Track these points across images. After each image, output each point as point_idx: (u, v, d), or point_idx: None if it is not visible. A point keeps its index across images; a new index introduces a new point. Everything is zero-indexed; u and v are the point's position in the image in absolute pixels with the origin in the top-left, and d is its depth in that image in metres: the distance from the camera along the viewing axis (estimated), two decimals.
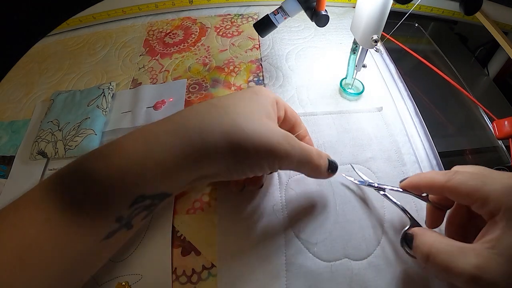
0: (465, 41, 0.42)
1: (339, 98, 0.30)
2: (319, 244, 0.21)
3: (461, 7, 0.20)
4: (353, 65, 0.27)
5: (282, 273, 0.21)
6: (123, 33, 0.40)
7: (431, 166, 0.25)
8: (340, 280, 0.20)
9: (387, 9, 0.21)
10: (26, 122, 0.35)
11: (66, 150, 0.29)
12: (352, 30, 0.25)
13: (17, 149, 0.33)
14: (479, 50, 0.41)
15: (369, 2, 0.21)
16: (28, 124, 0.35)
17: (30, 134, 0.33)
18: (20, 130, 0.35)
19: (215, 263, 0.21)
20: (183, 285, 0.21)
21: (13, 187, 0.30)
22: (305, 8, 0.26)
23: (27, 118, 0.35)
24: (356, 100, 0.29)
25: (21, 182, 0.30)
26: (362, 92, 0.29)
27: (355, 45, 0.26)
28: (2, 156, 0.34)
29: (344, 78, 0.30)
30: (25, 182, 0.30)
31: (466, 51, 0.40)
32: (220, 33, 0.36)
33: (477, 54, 0.41)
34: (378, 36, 0.23)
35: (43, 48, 0.43)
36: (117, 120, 0.31)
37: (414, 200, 0.23)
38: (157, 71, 0.34)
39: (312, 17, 0.26)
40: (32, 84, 0.39)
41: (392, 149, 0.26)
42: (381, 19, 0.22)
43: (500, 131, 0.28)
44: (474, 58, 0.39)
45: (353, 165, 0.25)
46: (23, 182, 0.30)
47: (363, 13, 0.22)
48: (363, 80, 0.30)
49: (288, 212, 0.23)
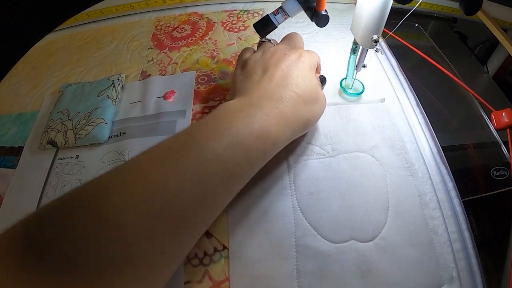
0: (464, 40, 0.43)
1: (338, 99, 0.30)
2: (327, 227, 0.22)
3: (461, 7, 0.20)
4: (353, 65, 0.27)
5: (292, 254, 0.21)
6: (131, 27, 0.40)
7: (432, 154, 0.26)
8: (347, 261, 0.21)
9: (387, 9, 0.21)
10: (35, 114, 0.36)
11: (77, 139, 0.29)
12: (352, 30, 0.25)
13: (26, 140, 0.33)
14: (479, 48, 0.42)
15: (369, 2, 0.21)
16: (37, 116, 0.35)
17: (39, 125, 0.34)
18: (28, 122, 0.35)
19: (227, 245, 0.22)
20: (195, 267, 0.22)
21: (21, 177, 0.31)
22: (305, 8, 0.26)
23: (36, 110, 0.36)
24: (356, 100, 0.29)
25: (30, 171, 0.31)
26: (362, 93, 0.29)
27: (355, 45, 0.26)
28: (10, 147, 0.34)
29: (344, 79, 0.30)
30: (34, 171, 0.30)
31: (465, 49, 0.41)
32: (227, 27, 0.37)
33: (477, 52, 0.41)
34: (378, 36, 0.23)
35: (49, 43, 0.44)
36: (127, 110, 0.31)
37: None
38: (166, 63, 0.34)
39: (312, 17, 0.26)
40: (39, 77, 0.39)
41: (395, 138, 0.27)
42: (381, 19, 0.22)
43: (498, 122, 0.30)
44: (474, 56, 0.40)
45: (359, 153, 0.26)
46: (32, 171, 0.30)
47: (363, 13, 0.22)
48: (365, 74, 0.30)
49: (297, 197, 0.24)
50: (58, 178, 0.29)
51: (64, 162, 0.30)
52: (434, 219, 0.23)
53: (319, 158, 0.25)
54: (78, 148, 0.30)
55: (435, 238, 0.22)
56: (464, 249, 0.22)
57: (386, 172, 0.25)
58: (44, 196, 0.29)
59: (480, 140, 0.31)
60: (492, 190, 0.26)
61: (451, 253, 0.22)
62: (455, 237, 0.23)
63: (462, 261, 0.22)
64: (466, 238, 0.23)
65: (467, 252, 0.22)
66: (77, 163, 0.29)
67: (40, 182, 0.29)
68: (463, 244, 0.23)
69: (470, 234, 0.23)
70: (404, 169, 0.25)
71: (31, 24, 0.49)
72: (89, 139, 0.29)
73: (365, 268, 0.21)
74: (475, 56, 0.40)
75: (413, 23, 0.41)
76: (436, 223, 0.23)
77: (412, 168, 0.25)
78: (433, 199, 0.24)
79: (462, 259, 0.22)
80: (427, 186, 0.25)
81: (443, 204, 0.24)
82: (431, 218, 0.23)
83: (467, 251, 0.22)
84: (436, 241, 0.22)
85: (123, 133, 0.30)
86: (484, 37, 0.41)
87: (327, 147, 0.26)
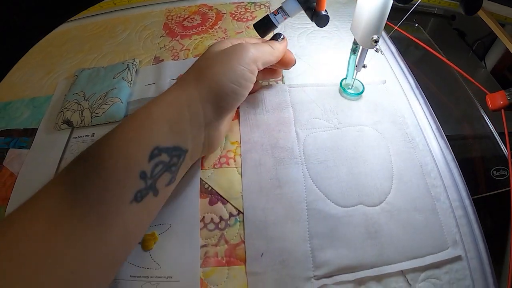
0: (463, 36, 0.44)
1: (333, 119, 0.29)
2: (336, 192, 0.24)
3: (461, 7, 0.20)
4: (353, 65, 0.27)
5: (304, 217, 0.23)
6: (142, 18, 0.42)
7: (432, 129, 0.28)
8: (356, 223, 0.22)
9: (387, 9, 0.21)
10: (48, 98, 0.37)
11: (93, 117, 0.30)
12: (352, 30, 0.25)
13: (40, 122, 0.34)
14: (477, 44, 0.43)
15: (369, 2, 0.21)
16: (50, 99, 0.36)
17: (54, 107, 0.34)
18: (42, 105, 0.36)
19: (242, 210, 0.23)
20: (211, 231, 0.23)
21: (36, 156, 0.31)
22: (305, 8, 0.26)
23: (49, 95, 0.37)
24: (356, 100, 0.30)
25: (44, 151, 0.31)
26: (362, 92, 0.29)
27: (355, 45, 0.26)
28: (24, 129, 0.35)
29: (344, 78, 0.30)
30: (49, 150, 0.31)
31: (464, 45, 0.42)
32: (235, 18, 0.39)
33: (475, 48, 0.43)
34: (378, 36, 0.23)
35: (61, 33, 0.45)
36: (142, 91, 0.32)
37: None
38: (178, 49, 0.36)
39: (312, 18, 0.26)
40: (52, 65, 0.40)
41: (396, 115, 0.29)
42: (381, 19, 0.22)
43: (493, 104, 0.31)
44: (472, 52, 0.41)
45: (363, 127, 0.27)
46: (47, 151, 0.31)
47: (363, 13, 0.22)
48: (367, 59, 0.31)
49: (306, 166, 0.25)
50: (73, 155, 0.30)
51: (79, 140, 0.31)
52: (436, 187, 0.25)
53: (326, 130, 0.27)
54: (93, 127, 0.31)
55: (437, 205, 0.24)
56: (465, 215, 0.24)
57: (389, 144, 0.26)
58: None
59: (480, 142, 0.31)
60: (492, 190, 0.27)
61: (454, 219, 0.24)
62: (456, 205, 0.24)
63: (465, 227, 0.23)
64: (467, 205, 0.24)
65: (468, 218, 0.24)
66: (93, 141, 0.30)
67: (55, 159, 0.30)
68: (465, 211, 0.24)
69: (471, 202, 0.24)
70: (405, 142, 0.27)
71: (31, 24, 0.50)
72: (106, 117, 0.30)
73: (373, 230, 0.22)
74: (473, 51, 0.42)
75: (413, 23, 0.43)
76: (438, 191, 0.24)
77: (413, 142, 0.27)
78: (434, 169, 0.25)
79: (464, 225, 0.23)
80: (428, 158, 0.26)
81: (444, 174, 0.25)
82: (433, 186, 0.25)
83: (469, 217, 0.24)
84: (439, 208, 0.24)
85: None
86: (482, 33, 0.42)
87: (334, 121, 0.28)
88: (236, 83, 0.21)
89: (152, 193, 0.19)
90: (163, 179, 0.19)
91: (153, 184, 0.19)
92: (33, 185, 0.29)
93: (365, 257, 0.21)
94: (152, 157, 0.18)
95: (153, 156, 0.19)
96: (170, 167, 0.20)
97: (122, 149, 0.18)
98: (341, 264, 0.21)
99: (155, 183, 0.19)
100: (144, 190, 0.18)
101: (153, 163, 0.19)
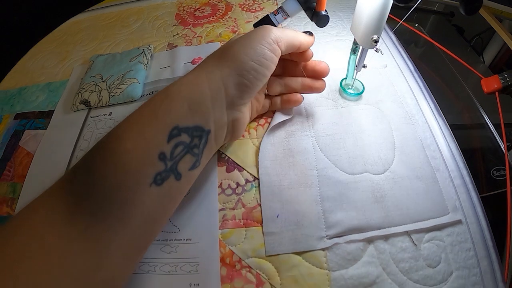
0: (461, 32, 0.45)
1: (339, 98, 0.30)
2: (343, 161, 0.25)
3: (461, 7, 0.20)
4: (353, 65, 0.27)
5: (315, 183, 0.24)
6: (154, 9, 0.44)
7: (430, 107, 0.30)
8: (363, 189, 0.24)
9: (387, 9, 0.21)
10: (64, 82, 0.38)
11: (111, 97, 0.32)
12: (352, 30, 0.25)
13: (56, 105, 0.35)
14: (475, 39, 0.44)
15: (369, 2, 0.22)
16: (66, 84, 0.37)
17: (70, 90, 0.36)
18: (58, 89, 0.38)
19: (257, 176, 0.24)
20: (228, 196, 0.24)
21: (53, 135, 0.32)
22: (305, 9, 0.26)
23: (65, 79, 0.38)
24: (356, 101, 0.30)
25: (62, 130, 0.32)
26: (362, 93, 0.29)
27: (355, 45, 0.26)
28: (40, 111, 0.36)
29: (344, 79, 0.30)
30: (67, 129, 0.32)
31: (463, 41, 0.43)
32: (244, 9, 0.41)
33: (473, 43, 0.43)
34: (378, 36, 0.23)
35: (74, 23, 0.47)
36: (157, 73, 0.34)
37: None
38: (191, 37, 0.38)
39: (312, 18, 0.26)
40: (66, 52, 0.42)
41: (396, 95, 0.31)
42: (381, 19, 0.22)
43: (487, 87, 0.34)
44: (470, 47, 0.42)
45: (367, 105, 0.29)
46: (64, 130, 0.32)
47: (363, 13, 0.23)
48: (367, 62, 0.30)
49: (316, 138, 0.27)
50: (91, 132, 0.31)
51: (97, 119, 0.32)
52: (435, 159, 0.26)
53: (333, 109, 0.29)
54: (110, 107, 0.33)
55: (437, 174, 0.26)
56: (463, 184, 0.26)
57: (391, 120, 0.28)
58: (77, 149, 0.30)
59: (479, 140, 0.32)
60: (492, 190, 0.27)
61: (453, 187, 0.25)
62: (455, 175, 0.26)
63: (463, 194, 0.25)
64: (465, 175, 0.26)
65: (466, 187, 0.25)
66: (111, 119, 0.32)
67: (72, 138, 0.31)
68: (463, 180, 0.26)
69: (468, 173, 0.26)
70: (406, 119, 0.29)
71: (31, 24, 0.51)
72: (123, 96, 0.32)
73: (379, 195, 0.24)
74: (471, 47, 0.43)
75: (413, 23, 0.44)
76: (437, 162, 0.26)
77: (413, 119, 0.29)
78: (433, 143, 0.27)
79: (463, 193, 0.25)
80: (427, 133, 0.28)
81: (442, 148, 0.27)
82: (432, 157, 0.26)
83: (467, 186, 0.26)
84: (438, 177, 0.25)
85: (155, 92, 0.32)
86: (480, 28, 0.43)
87: (339, 101, 0.30)
88: (256, 61, 0.21)
89: (173, 176, 0.18)
90: (185, 162, 0.19)
91: (174, 167, 0.18)
92: (49, 163, 0.30)
93: (372, 218, 0.23)
94: (171, 137, 0.18)
95: (172, 136, 0.18)
96: (191, 148, 0.19)
97: (141, 130, 0.18)
98: (351, 225, 0.22)
99: (176, 166, 0.18)
100: (164, 173, 0.18)
101: (173, 144, 0.18)
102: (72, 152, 0.30)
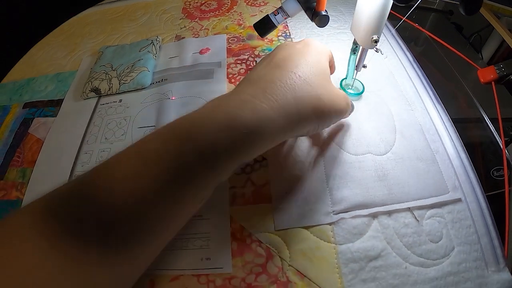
0: (460, 30, 0.46)
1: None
2: (347, 143, 0.26)
3: (461, 7, 0.20)
4: (353, 65, 0.27)
5: (321, 162, 0.25)
6: (161, 3, 0.45)
7: (429, 95, 0.31)
8: (367, 168, 0.25)
9: (387, 9, 0.21)
10: (73, 73, 0.39)
11: (121, 84, 0.33)
12: (352, 30, 0.25)
13: (65, 94, 0.36)
14: (474, 37, 0.44)
15: (369, 2, 0.22)
16: (75, 74, 0.38)
17: (80, 79, 0.37)
18: (67, 79, 0.38)
19: (265, 157, 0.25)
20: (238, 175, 0.25)
21: (62, 122, 0.33)
22: (305, 8, 0.26)
23: (74, 70, 0.39)
24: (356, 101, 0.30)
25: (72, 117, 0.33)
26: (362, 93, 0.30)
27: (355, 45, 0.26)
28: (50, 100, 0.37)
29: (344, 79, 0.30)
30: (77, 116, 0.33)
31: (461, 38, 0.44)
32: (249, 3, 0.43)
33: (472, 41, 0.44)
34: (378, 36, 0.23)
35: (81, 18, 0.48)
36: (166, 63, 0.35)
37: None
38: (198, 29, 0.39)
39: (312, 17, 0.26)
40: (75, 44, 0.43)
41: (396, 83, 0.32)
42: (381, 19, 0.22)
43: (484, 78, 0.35)
44: (469, 45, 0.43)
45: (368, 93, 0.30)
46: (74, 117, 0.33)
47: (363, 13, 0.23)
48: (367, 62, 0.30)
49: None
50: (102, 119, 0.32)
51: (107, 106, 0.33)
52: (434, 142, 0.28)
53: None
54: (120, 94, 0.33)
55: (437, 156, 0.27)
56: (462, 165, 0.27)
57: (391, 106, 0.30)
58: (88, 134, 0.31)
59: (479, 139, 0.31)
60: (492, 190, 0.27)
61: (452, 168, 0.26)
62: (453, 156, 0.27)
63: (462, 175, 0.26)
64: (463, 158, 0.27)
65: (465, 168, 0.27)
66: (121, 106, 0.32)
67: (83, 124, 0.32)
68: (461, 162, 0.27)
69: (466, 154, 0.27)
70: (406, 105, 0.30)
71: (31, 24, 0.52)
72: (133, 84, 0.32)
73: (381, 174, 0.25)
74: (470, 44, 0.44)
75: (413, 22, 0.44)
76: (436, 145, 0.27)
77: (412, 105, 0.30)
78: (432, 128, 0.29)
79: (462, 174, 0.26)
80: (426, 118, 0.29)
81: (441, 132, 0.29)
82: (432, 141, 0.28)
83: (465, 167, 0.27)
84: (438, 158, 0.27)
85: (164, 79, 0.33)
86: (478, 26, 0.44)
87: None
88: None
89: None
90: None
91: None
92: (59, 148, 0.31)
93: (376, 195, 0.24)
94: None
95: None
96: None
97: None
98: (356, 201, 0.23)
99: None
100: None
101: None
102: (82, 138, 0.31)
